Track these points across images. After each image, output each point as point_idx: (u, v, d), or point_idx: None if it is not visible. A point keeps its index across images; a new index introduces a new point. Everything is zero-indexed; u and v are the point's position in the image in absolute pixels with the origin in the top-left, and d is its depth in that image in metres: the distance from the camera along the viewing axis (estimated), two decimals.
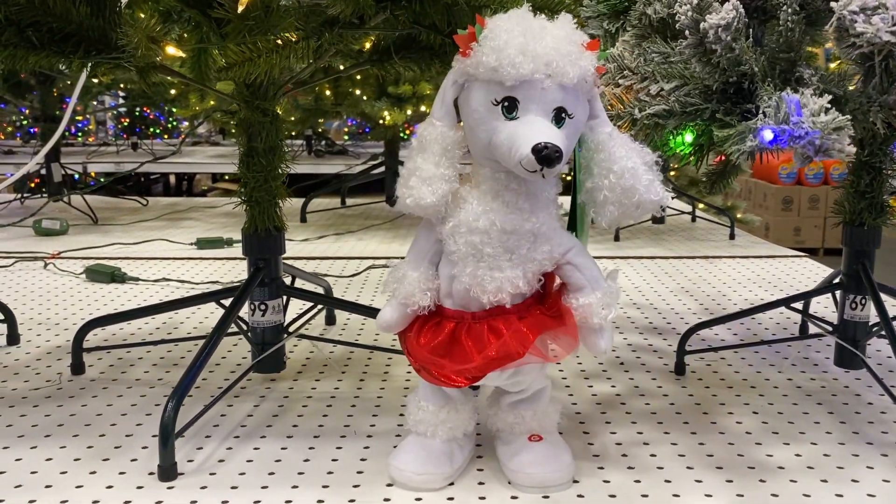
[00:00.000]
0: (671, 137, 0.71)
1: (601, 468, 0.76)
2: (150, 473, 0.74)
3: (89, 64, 0.83)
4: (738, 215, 3.24)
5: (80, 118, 4.69)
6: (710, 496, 0.71)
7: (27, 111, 3.62)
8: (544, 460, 0.72)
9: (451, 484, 0.73)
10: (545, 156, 0.58)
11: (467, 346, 0.67)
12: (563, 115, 0.62)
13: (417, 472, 0.72)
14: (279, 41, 0.75)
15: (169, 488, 0.72)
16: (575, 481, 0.73)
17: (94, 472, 0.75)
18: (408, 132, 2.86)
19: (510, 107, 0.62)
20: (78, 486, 0.72)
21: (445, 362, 0.68)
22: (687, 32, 0.60)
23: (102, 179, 2.74)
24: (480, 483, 0.73)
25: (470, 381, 0.69)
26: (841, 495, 0.71)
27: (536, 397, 0.75)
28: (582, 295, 0.68)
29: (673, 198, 2.36)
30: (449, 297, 0.69)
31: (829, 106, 0.55)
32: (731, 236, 1.99)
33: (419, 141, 0.66)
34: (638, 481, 0.73)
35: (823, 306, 1.30)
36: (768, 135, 0.53)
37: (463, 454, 0.75)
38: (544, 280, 0.70)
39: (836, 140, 0.52)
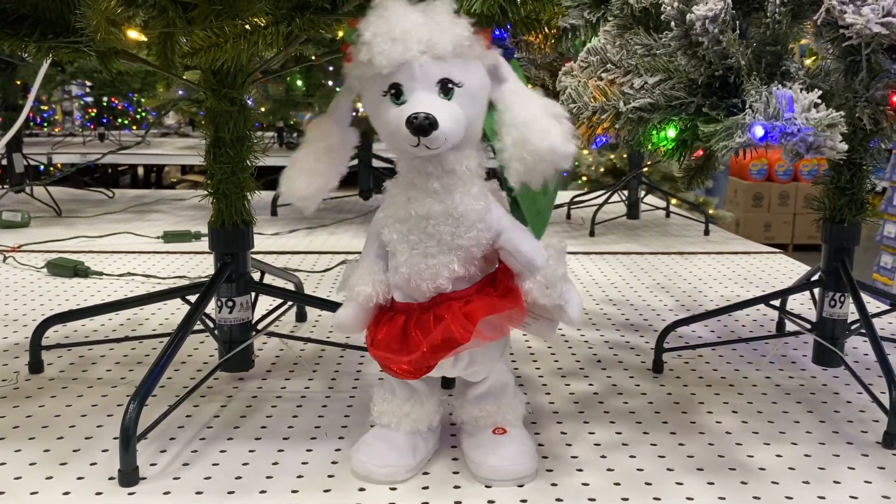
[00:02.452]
0: (654, 132, 0.69)
1: (580, 470, 0.74)
2: (111, 478, 0.71)
3: (49, 50, 0.79)
4: (710, 211, 3.26)
5: (45, 108, 4.58)
6: (692, 499, 0.69)
7: None
8: (507, 453, 0.72)
9: (426, 488, 0.70)
10: (417, 126, 0.59)
11: (416, 337, 0.67)
12: (451, 85, 0.62)
13: (379, 465, 0.71)
14: (247, 26, 0.72)
15: (130, 494, 0.69)
16: (553, 484, 0.71)
17: (50, 478, 0.71)
18: None
19: (396, 93, 0.63)
20: (33, 493, 0.69)
21: (402, 356, 0.68)
22: (672, 24, 0.58)
23: (64, 169, 2.67)
24: (456, 487, 0.71)
25: (424, 372, 0.69)
26: (823, 497, 0.70)
27: (500, 391, 0.75)
28: (522, 280, 0.68)
29: (646, 194, 2.36)
30: (398, 289, 0.69)
31: (819, 101, 0.53)
32: (706, 232, 1.99)
33: (306, 137, 0.68)
34: (618, 484, 0.71)
35: (799, 303, 1.30)
36: (759, 131, 0.51)
37: (426, 447, 0.74)
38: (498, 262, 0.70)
39: (828, 137, 0.50)
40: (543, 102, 0.63)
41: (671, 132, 0.69)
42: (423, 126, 0.59)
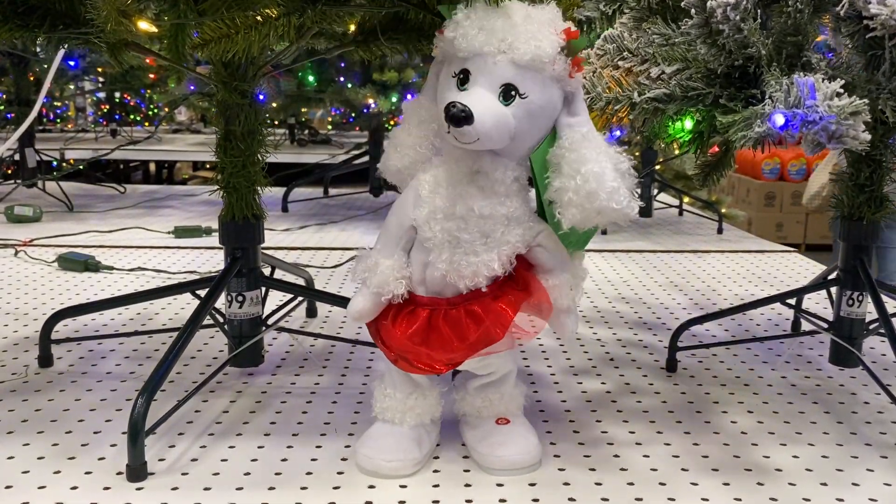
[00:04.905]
0: (670, 124, 0.68)
1: (593, 469, 0.73)
2: (119, 473, 0.70)
3: (59, 41, 0.79)
4: (723, 210, 3.23)
5: (58, 104, 4.59)
6: (707, 500, 0.68)
7: (4, 96, 3.54)
8: (512, 443, 0.72)
9: (437, 486, 0.69)
10: (452, 115, 0.59)
11: (445, 333, 0.66)
12: (513, 92, 0.62)
13: (387, 459, 0.71)
14: (258, 17, 0.71)
15: (138, 489, 0.68)
16: (566, 483, 0.70)
17: (58, 472, 0.71)
18: (392, 123, 2.81)
19: (464, 79, 0.63)
20: (41, 487, 0.68)
21: (423, 350, 0.67)
22: (693, 11, 0.57)
23: (81, 167, 2.67)
24: (467, 485, 0.70)
25: (450, 367, 0.69)
26: (842, 499, 0.68)
27: (503, 381, 0.75)
28: (551, 276, 0.68)
29: (658, 192, 2.34)
30: (422, 285, 0.68)
31: (841, 90, 0.52)
32: (720, 230, 1.97)
33: (403, 114, 0.70)
34: (631, 484, 0.70)
35: (815, 302, 1.28)
36: (780, 119, 0.50)
37: (430, 440, 0.74)
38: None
39: (851, 126, 0.49)
40: (613, 156, 0.62)
41: (688, 124, 0.68)
42: (457, 116, 0.59)
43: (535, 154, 0.65)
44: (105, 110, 4.54)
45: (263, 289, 0.95)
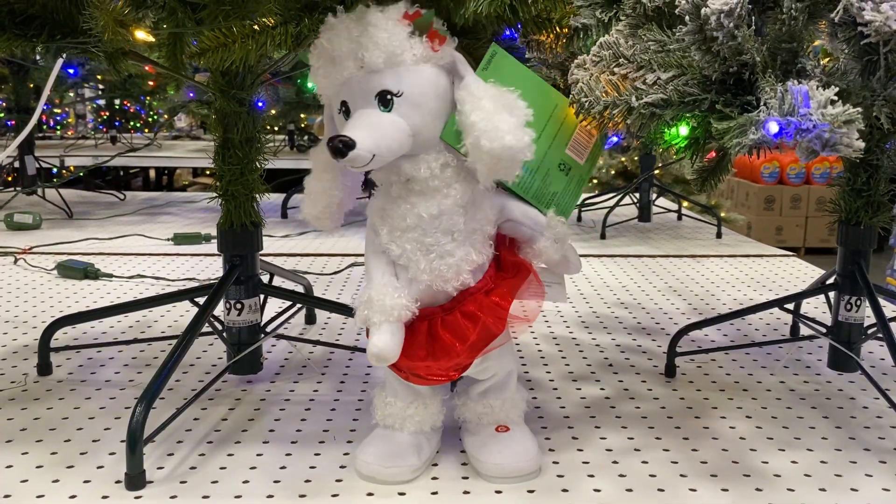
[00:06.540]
0: (666, 130, 0.68)
1: (591, 476, 0.73)
2: (117, 482, 0.70)
3: (58, 51, 0.79)
4: (723, 214, 3.23)
5: (58, 111, 4.60)
6: None
7: (4, 103, 3.54)
8: (512, 450, 0.72)
9: (436, 493, 0.69)
10: (331, 149, 0.60)
11: (447, 339, 0.66)
12: (388, 96, 0.63)
13: (385, 465, 0.71)
14: (256, 26, 0.71)
15: (136, 498, 0.68)
16: (564, 490, 0.70)
17: (56, 481, 0.71)
18: None
19: (346, 111, 0.65)
20: (39, 496, 0.68)
21: (430, 362, 0.67)
22: (687, 18, 0.57)
23: (81, 174, 2.67)
24: (466, 493, 0.70)
25: (461, 372, 0.70)
26: None
27: (505, 385, 0.75)
28: (533, 243, 0.69)
29: (657, 196, 2.34)
30: (416, 301, 0.68)
31: (835, 98, 0.52)
32: (718, 235, 1.97)
33: (311, 160, 0.72)
34: (630, 490, 0.70)
35: (813, 307, 1.28)
36: (774, 127, 0.50)
37: (430, 447, 0.74)
38: (494, 242, 0.70)
39: (845, 134, 0.49)
40: (494, 95, 0.63)
41: (683, 129, 0.68)
42: (336, 148, 0.60)
43: (444, 133, 0.65)
44: (105, 117, 4.54)
45: (262, 296, 0.95)
